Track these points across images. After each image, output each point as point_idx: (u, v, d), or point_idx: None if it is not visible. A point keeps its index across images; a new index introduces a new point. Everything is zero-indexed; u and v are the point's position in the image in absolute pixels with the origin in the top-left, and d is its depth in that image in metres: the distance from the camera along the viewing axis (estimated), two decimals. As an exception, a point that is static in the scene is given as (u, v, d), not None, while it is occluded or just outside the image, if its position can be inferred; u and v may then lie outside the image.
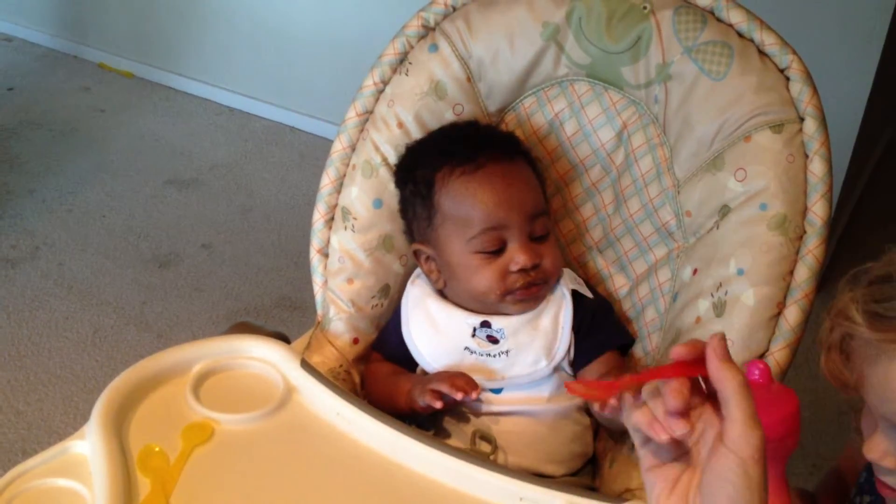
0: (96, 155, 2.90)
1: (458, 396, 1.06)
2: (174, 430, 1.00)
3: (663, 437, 0.65)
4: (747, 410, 0.62)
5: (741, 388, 0.62)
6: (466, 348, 1.14)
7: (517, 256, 1.11)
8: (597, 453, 1.18)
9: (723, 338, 0.64)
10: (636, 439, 0.69)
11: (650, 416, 0.66)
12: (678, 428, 0.64)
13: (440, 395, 1.07)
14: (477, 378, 1.11)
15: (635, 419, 0.67)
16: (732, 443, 0.62)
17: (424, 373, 1.17)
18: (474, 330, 1.14)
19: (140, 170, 2.83)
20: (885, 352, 0.78)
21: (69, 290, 2.27)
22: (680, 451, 0.67)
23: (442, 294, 1.19)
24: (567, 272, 1.19)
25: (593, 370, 1.14)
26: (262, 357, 1.11)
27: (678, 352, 0.65)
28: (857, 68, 2.14)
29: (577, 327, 1.14)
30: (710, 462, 0.63)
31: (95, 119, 3.12)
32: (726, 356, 0.64)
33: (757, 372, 0.92)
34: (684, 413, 0.64)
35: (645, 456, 0.69)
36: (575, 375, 1.15)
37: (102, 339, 2.12)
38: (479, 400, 1.11)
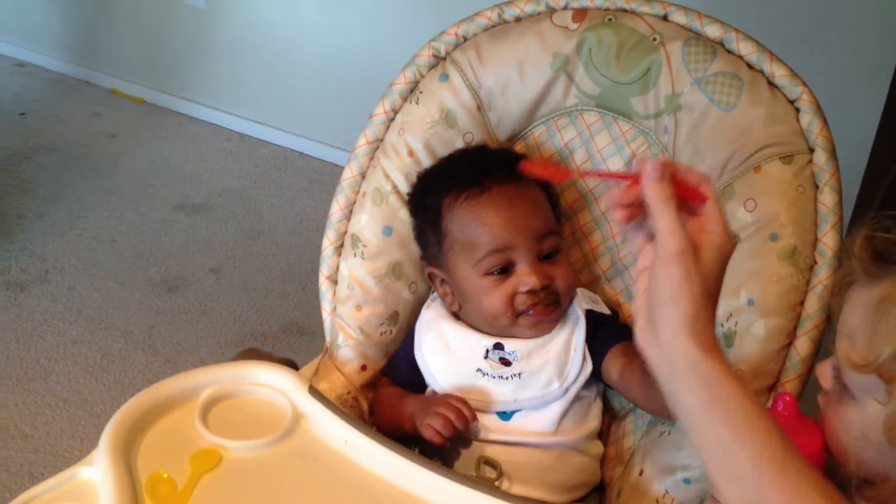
0: (107, 180, 2.91)
1: (461, 426, 1.08)
2: (182, 456, 1.00)
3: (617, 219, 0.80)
4: (666, 221, 0.73)
5: (664, 203, 0.74)
6: (478, 370, 1.14)
7: (525, 278, 1.11)
8: (605, 482, 1.18)
9: (663, 162, 0.75)
10: (635, 248, 0.82)
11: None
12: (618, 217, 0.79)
13: (439, 434, 1.08)
14: (487, 401, 1.12)
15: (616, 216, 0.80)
16: (658, 248, 0.74)
17: (434, 393, 1.17)
18: (487, 351, 1.14)
19: (150, 195, 2.84)
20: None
21: (78, 314, 2.27)
22: None
23: (457, 317, 1.19)
24: (582, 291, 1.20)
25: (612, 361, 1.14)
26: (271, 383, 1.11)
27: (639, 165, 0.77)
28: (866, 100, 2.14)
29: (589, 339, 1.14)
30: (652, 266, 0.76)
31: (106, 144, 3.14)
32: (659, 177, 0.75)
33: (782, 404, 0.92)
34: (619, 205, 0.78)
35: (639, 259, 0.82)
36: (599, 374, 1.15)
37: (110, 363, 2.12)
38: (486, 427, 1.12)
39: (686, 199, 0.79)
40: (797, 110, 1.10)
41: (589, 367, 1.14)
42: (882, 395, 0.74)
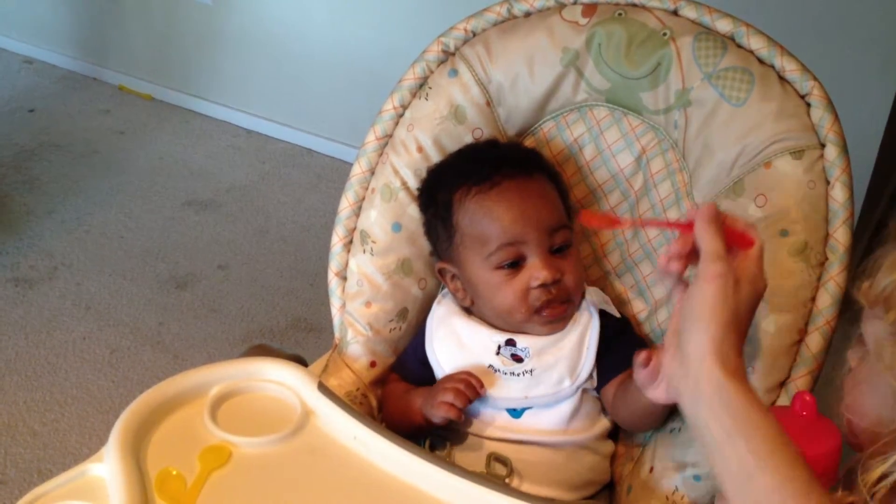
0: (115, 176, 2.91)
1: (472, 395, 1.09)
2: (192, 453, 1.00)
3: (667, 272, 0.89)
4: (711, 247, 0.81)
5: (713, 234, 0.82)
6: (490, 366, 1.13)
7: (537, 272, 1.11)
8: (614, 479, 1.18)
9: (712, 206, 0.84)
10: (675, 289, 0.90)
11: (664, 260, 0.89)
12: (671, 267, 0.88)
13: (453, 406, 1.08)
14: (498, 397, 1.12)
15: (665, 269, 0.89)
16: (699, 271, 0.82)
17: None
18: (499, 347, 1.14)
19: (158, 191, 2.84)
20: None
21: (86, 311, 2.27)
22: None
23: (468, 312, 1.19)
24: (594, 290, 1.19)
25: (611, 389, 1.13)
26: (280, 380, 1.11)
27: (691, 213, 0.86)
28: (876, 95, 2.13)
29: (601, 346, 1.14)
30: (689, 288, 0.84)
31: (115, 141, 3.14)
32: (710, 219, 0.83)
33: (800, 404, 0.91)
34: (677, 257, 0.87)
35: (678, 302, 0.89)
36: (598, 391, 1.15)
37: (119, 359, 2.12)
38: (496, 425, 1.12)
39: (732, 245, 0.85)
40: (808, 105, 1.09)
41: None
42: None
